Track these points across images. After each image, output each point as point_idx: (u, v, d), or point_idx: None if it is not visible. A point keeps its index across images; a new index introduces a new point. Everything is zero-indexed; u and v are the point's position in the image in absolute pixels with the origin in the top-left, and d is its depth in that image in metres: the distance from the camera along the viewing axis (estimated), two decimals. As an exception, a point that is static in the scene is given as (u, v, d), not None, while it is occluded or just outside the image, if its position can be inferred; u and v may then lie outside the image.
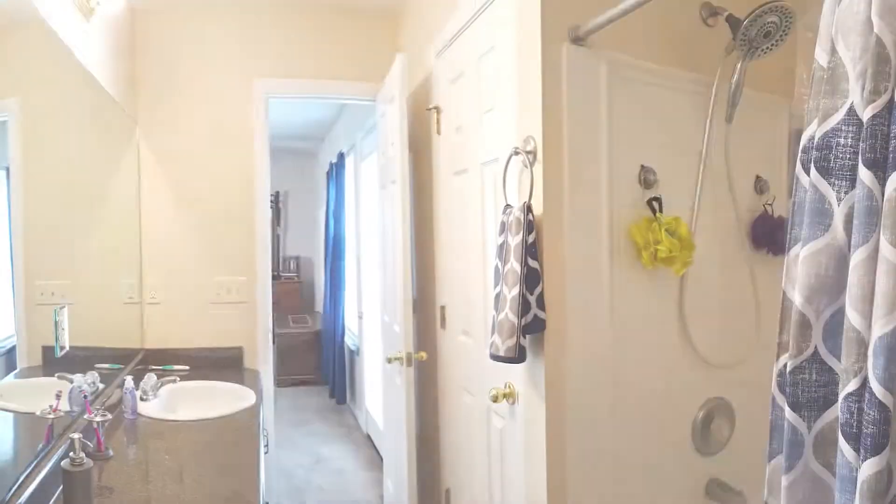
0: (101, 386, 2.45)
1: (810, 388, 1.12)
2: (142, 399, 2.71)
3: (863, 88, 1.01)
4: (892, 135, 0.97)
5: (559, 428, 1.90)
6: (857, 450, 1.00)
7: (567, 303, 1.90)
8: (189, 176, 3.50)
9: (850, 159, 1.04)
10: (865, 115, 1.00)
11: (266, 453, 2.67)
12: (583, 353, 1.93)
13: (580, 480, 1.92)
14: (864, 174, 0.99)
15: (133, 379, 2.66)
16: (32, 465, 1.72)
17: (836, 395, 1.09)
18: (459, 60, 2.55)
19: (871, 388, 0.97)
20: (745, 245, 2.35)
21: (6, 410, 1.67)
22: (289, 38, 3.60)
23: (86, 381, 2.25)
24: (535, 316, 1.85)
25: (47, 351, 1.97)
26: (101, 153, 2.69)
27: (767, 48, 2.14)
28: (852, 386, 1.01)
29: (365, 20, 3.67)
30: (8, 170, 1.69)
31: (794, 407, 1.13)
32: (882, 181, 0.98)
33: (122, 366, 2.95)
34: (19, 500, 1.53)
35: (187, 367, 3.38)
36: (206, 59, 3.51)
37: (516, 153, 1.94)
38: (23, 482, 1.62)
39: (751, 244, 2.42)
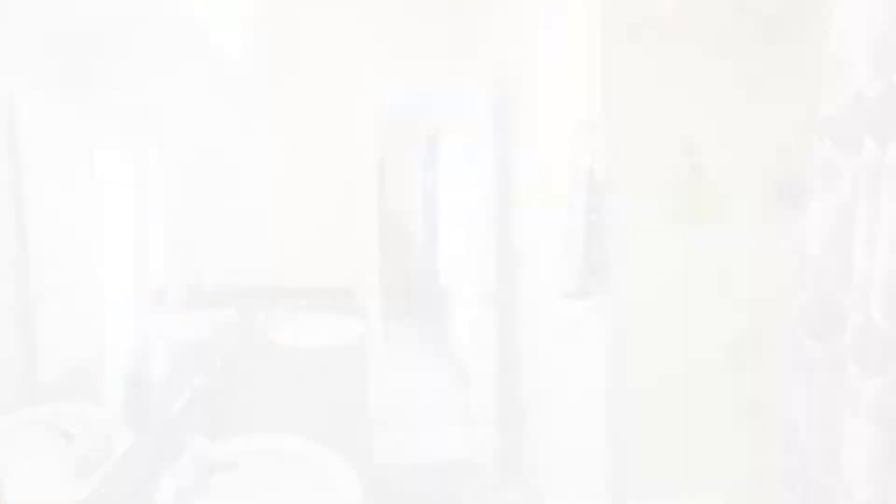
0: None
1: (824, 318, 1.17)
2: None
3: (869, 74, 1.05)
4: (893, 112, 1.01)
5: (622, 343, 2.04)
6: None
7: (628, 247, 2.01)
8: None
9: (858, 132, 1.08)
10: (871, 96, 1.04)
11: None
12: (643, 290, 2.05)
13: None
14: (870, 144, 1.04)
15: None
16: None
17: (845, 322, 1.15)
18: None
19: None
20: (773, 202, 2.35)
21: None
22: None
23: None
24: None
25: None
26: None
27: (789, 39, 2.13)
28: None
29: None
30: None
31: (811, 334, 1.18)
32: (884, 150, 1.02)
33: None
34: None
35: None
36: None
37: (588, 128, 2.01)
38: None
39: (778, 202, 2.41)
